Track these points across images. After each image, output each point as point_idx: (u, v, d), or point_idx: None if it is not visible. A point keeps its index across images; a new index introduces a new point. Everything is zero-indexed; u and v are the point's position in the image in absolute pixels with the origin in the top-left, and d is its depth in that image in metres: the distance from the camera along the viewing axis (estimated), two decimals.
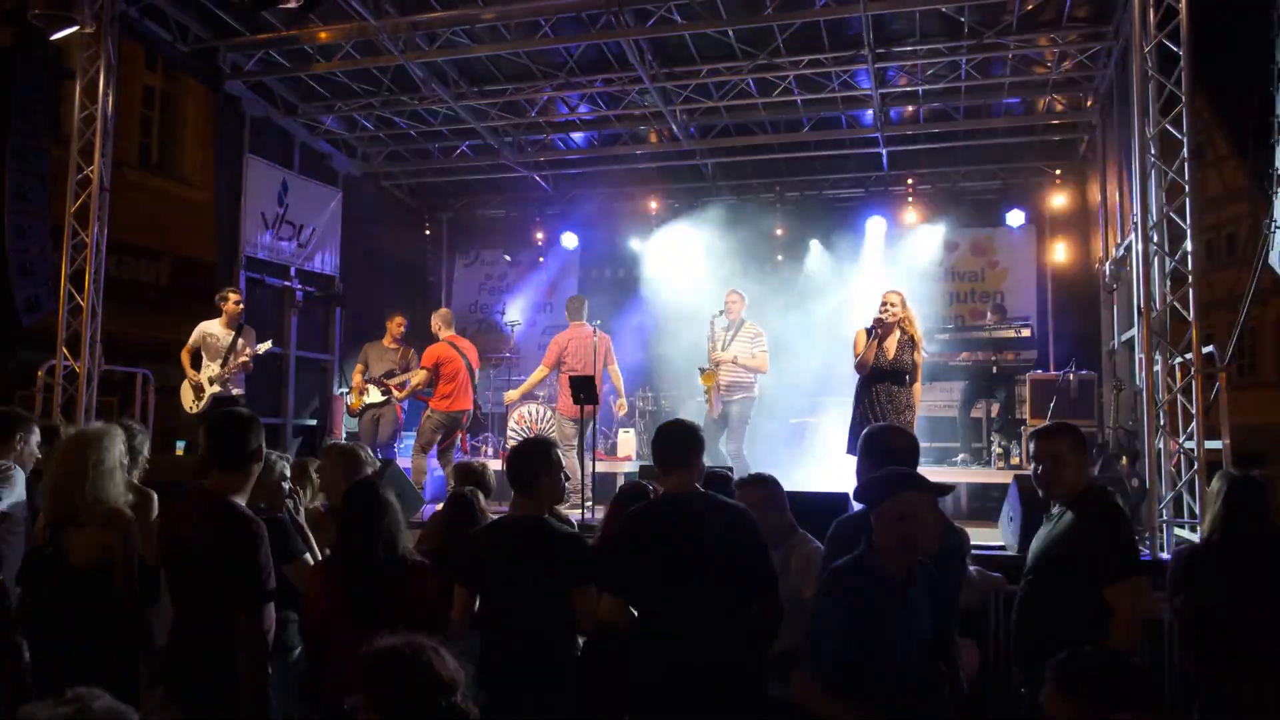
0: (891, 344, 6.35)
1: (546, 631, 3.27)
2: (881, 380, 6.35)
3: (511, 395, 9.08)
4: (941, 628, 2.95)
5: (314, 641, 3.32)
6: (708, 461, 3.65)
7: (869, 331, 6.41)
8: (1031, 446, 3.42)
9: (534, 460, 3.45)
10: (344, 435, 9.71)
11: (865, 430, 3.68)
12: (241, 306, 7.94)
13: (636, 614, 3.27)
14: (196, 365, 7.73)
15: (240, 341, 7.75)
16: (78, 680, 1.68)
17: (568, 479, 4.24)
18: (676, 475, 3.35)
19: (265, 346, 7.92)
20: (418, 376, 8.46)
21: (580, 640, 3.45)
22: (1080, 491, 3.27)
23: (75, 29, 7.01)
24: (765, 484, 4.00)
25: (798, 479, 7.01)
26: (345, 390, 9.46)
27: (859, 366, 6.45)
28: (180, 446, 11.17)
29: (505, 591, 3.31)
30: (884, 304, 6.43)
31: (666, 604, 3.16)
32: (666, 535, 3.21)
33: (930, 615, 2.79)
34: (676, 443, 3.39)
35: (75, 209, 7.53)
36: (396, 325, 9.05)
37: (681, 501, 3.29)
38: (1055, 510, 3.35)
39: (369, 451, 4.54)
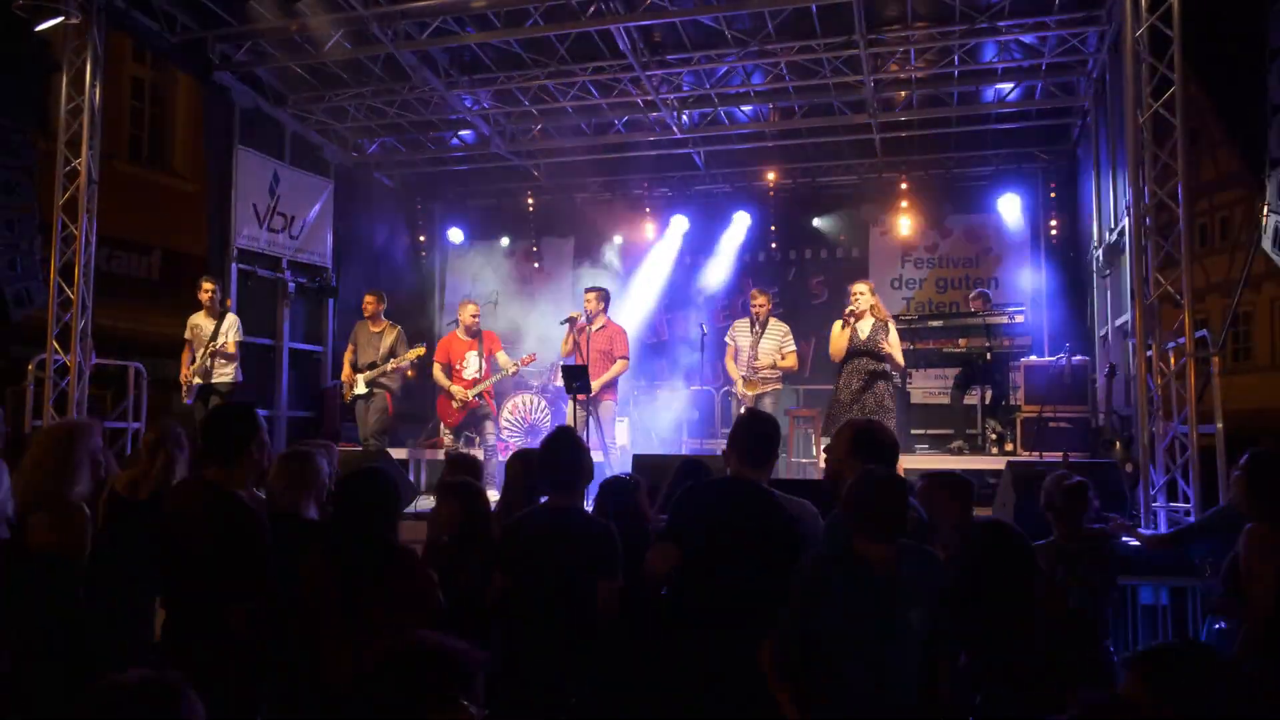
0: (865, 327, 7.14)
1: (573, 620, 3.28)
2: (859, 357, 7.11)
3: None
4: (936, 626, 2.84)
5: (306, 630, 3.29)
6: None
7: (844, 321, 7.20)
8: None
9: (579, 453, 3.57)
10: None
11: (848, 423, 3.60)
12: (215, 294, 8.02)
13: (679, 583, 3.23)
14: (192, 358, 7.95)
15: (223, 327, 7.86)
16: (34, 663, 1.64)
17: None
18: (754, 472, 3.28)
19: (232, 325, 7.98)
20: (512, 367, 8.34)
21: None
22: None
23: (61, 20, 6.96)
24: None
25: None
26: (337, 382, 9.40)
27: (834, 354, 7.19)
28: None
29: (537, 580, 3.32)
30: (854, 295, 7.24)
31: (702, 580, 3.13)
32: (718, 512, 3.17)
33: (920, 613, 2.75)
34: (764, 442, 3.33)
35: (64, 202, 7.50)
36: (367, 305, 8.63)
37: (742, 488, 3.24)
38: None
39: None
